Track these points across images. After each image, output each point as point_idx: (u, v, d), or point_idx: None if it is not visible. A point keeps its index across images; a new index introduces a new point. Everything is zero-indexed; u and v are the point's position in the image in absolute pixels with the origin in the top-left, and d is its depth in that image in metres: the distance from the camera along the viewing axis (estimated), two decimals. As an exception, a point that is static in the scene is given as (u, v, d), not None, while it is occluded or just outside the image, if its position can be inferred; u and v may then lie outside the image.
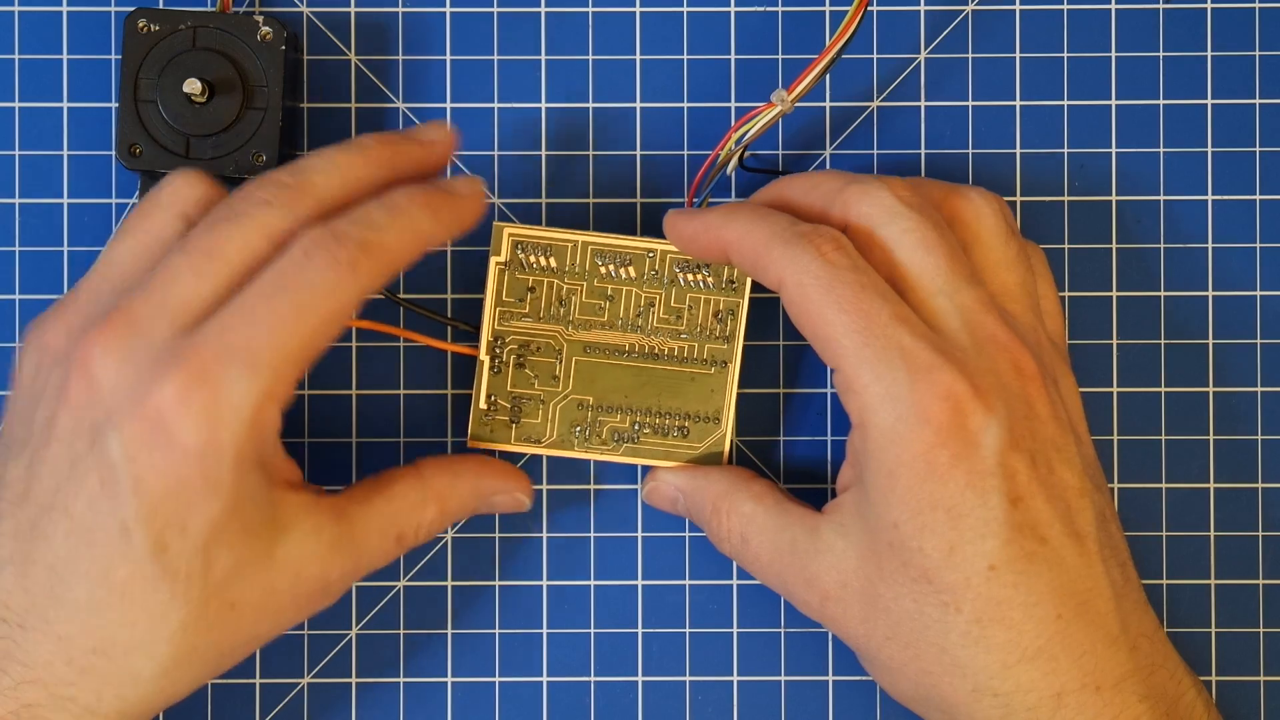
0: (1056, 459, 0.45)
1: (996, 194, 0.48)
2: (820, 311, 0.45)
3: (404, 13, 0.52)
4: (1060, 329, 0.50)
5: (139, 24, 0.49)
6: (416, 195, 0.45)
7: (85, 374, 0.42)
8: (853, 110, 0.53)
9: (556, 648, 0.52)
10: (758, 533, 0.48)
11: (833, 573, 0.46)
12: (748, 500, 0.48)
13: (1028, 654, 0.44)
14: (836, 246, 0.45)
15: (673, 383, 0.50)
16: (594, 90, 0.52)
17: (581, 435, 0.50)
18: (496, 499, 0.50)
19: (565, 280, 0.50)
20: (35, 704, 0.43)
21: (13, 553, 0.43)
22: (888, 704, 0.52)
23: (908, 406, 0.43)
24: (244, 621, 0.44)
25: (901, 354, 0.44)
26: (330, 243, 0.43)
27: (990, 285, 0.47)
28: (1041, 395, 0.45)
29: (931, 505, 0.43)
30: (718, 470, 0.49)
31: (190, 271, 0.43)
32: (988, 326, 0.45)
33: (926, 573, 0.44)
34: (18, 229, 0.52)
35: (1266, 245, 0.52)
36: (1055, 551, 0.44)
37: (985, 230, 0.47)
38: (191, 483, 0.42)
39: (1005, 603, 0.44)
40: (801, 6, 0.53)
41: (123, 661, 0.43)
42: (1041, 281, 0.49)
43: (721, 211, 0.47)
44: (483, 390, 0.50)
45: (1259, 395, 0.52)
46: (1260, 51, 0.53)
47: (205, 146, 0.50)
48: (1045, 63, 0.53)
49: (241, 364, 0.42)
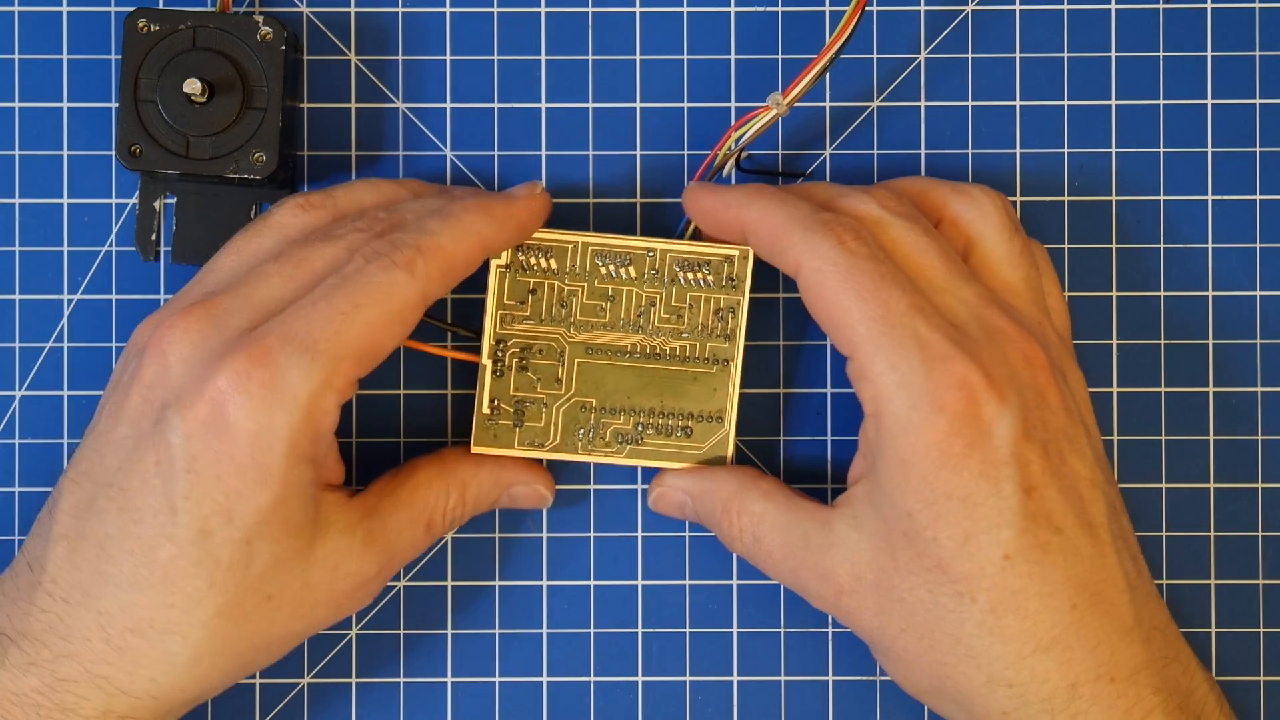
0: (1068, 449, 0.45)
1: (999, 191, 0.48)
2: (837, 299, 0.45)
3: (404, 13, 0.52)
4: (1066, 324, 0.50)
5: (139, 24, 0.49)
6: (470, 202, 0.47)
7: (159, 356, 0.44)
8: (853, 110, 0.53)
9: (556, 648, 0.52)
10: (769, 530, 0.48)
11: (846, 565, 0.46)
12: (757, 499, 0.48)
13: (1042, 644, 0.44)
14: (856, 235, 0.45)
15: (675, 382, 0.50)
16: (594, 90, 0.52)
17: (585, 438, 0.50)
18: (518, 490, 0.50)
19: (566, 282, 0.49)
20: (70, 679, 0.44)
21: (68, 529, 0.45)
22: (888, 704, 0.52)
23: (922, 395, 0.44)
24: (280, 615, 0.45)
25: (917, 343, 0.44)
26: (388, 248, 0.45)
27: (994, 282, 0.47)
28: (1052, 386, 0.45)
29: (946, 494, 0.44)
30: (725, 471, 0.49)
31: (277, 275, 0.45)
32: (995, 319, 0.45)
33: (941, 562, 0.44)
34: (18, 229, 0.52)
35: (1266, 245, 0.52)
36: (1070, 541, 0.44)
37: (989, 228, 0.48)
38: (243, 469, 0.43)
39: (1020, 592, 0.44)
40: (801, 6, 0.53)
41: (158, 643, 0.44)
42: (1046, 278, 0.49)
43: (743, 191, 0.48)
44: (485, 395, 0.50)
45: (1259, 395, 0.52)
46: (1260, 51, 0.53)
47: (205, 146, 0.50)
48: (1045, 63, 0.53)
49: (299, 350, 0.43)
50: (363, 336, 0.44)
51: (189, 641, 0.44)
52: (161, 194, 0.51)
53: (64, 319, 0.52)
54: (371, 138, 0.52)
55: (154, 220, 0.51)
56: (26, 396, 0.52)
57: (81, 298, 0.52)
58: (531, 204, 0.48)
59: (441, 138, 0.52)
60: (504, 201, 0.48)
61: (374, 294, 0.44)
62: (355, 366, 0.44)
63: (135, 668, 0.44)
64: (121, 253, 0.52)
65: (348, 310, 0.44)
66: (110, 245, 0.52)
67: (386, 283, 0.44)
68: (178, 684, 0.44)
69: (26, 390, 0.52)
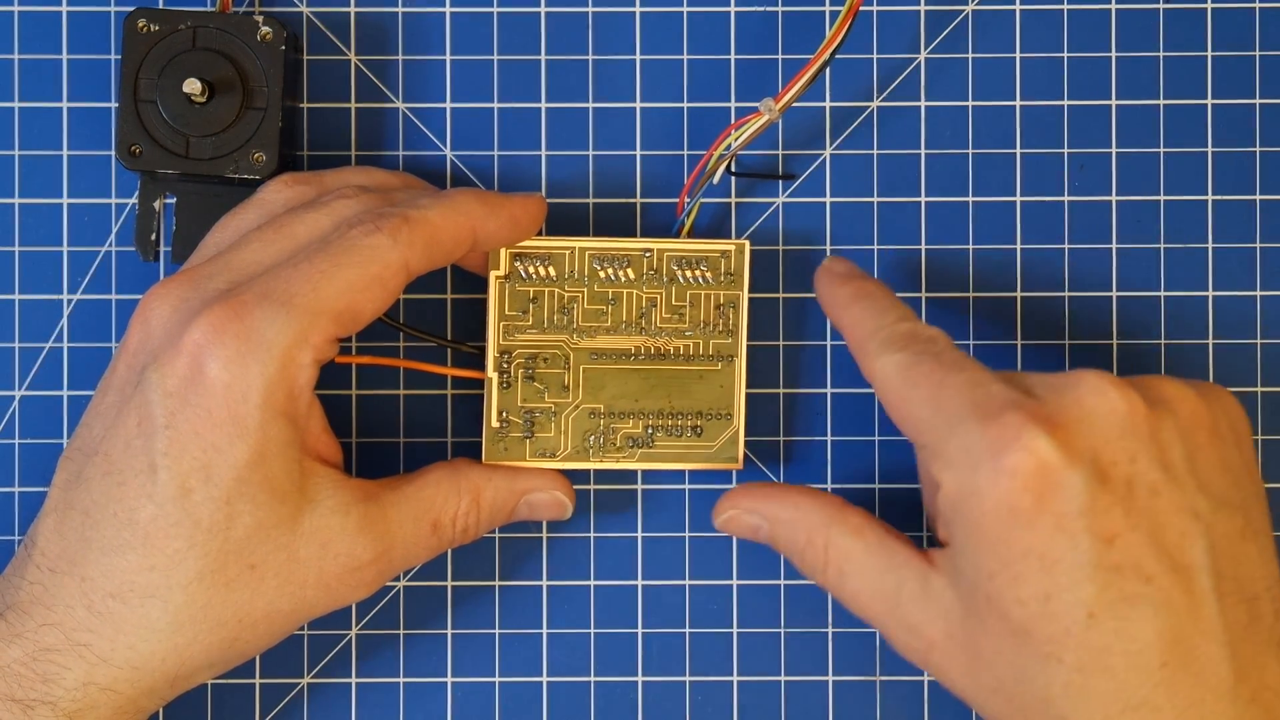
0: (1162, 481, 0.42)
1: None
2: (900, 393, 0.44)
3: (404, 13, 0.52)
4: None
5: (139, 24, 0.49)
6: (467, 188, 0.48)
7: (143, 323, 0.45)
8: (853, 110, 0.53)
9: (556, 648, 0.52)
10: (857, 572, 0.46)
11: (940, 623, 0.44)
12: (846, 534, 0.46)
13: (1131, 704, 0.41)
14: (929, 339, 0.45)
15: (681, 382, 0.50)
16: (594, 90, 0.52)
17: (596, 444, 0.50)
18: (536, 499, 0.49)
19: (566, 288, 0.49)
20: (53, 648, 0.44)
21: (57, 501, 0.45)
22: (888, 704, 0.52)
23: (983, 455, 0.42)
24: (264, 587, 0.44)
25: (973, 408, 0.43)
26: (375, 216, 0.45)
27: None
28: (1138, 411, 0.43)
29: (1023, 553, 0.42)
30: (807, 498, 0.47)
31: (258, 241, 0.46)
32: (1076, 373, 0.44)
33: (1025, 624, 0.42)
34: (18, 229, 0.52)
35: (1266, 245, 0.52)
36: (1160, 591, 0.41)
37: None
38: (220, 422, 0.43)
39: (1107, 650, 0.41)
40: (801, 6, 0.52)
41: (138, 608, 0.44)
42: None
43: (847, 292, 0.47)
44: (493, 408, 0.49)
45: (1259, 395, 0.52)
46: (1260, 51, 0.53)
47: (205, 146, 0.50)
48: (1045, 63, 0.53)
49: (276, 304, 0.43)
50: (341, 295, 0.44)
51: (169, 606, 0.44)
52: (161, 194, 0.51)
53: (64, 319, 0.52)
54: (371, 138, 0.52)
55: (154, 220, 0.51)
56: (26, 396, 0.52)
57: (81, 298, 0.52)
58: (527, 202, 0.48)
59: (441, 138, 0.52)
60: (499, 193, 0.48)
61: (355, 255, 0.44)
62: (333, 324, 0.44)
63: (115, 634, 0.44)
64: (121, 253, 0.52)
65: (327, 269, 0.44)
66: (110, 245, 0.52)
67: (369, 245, 0.45)
68: (158, 652, 0.44)
69: (26, 390, 0.52)
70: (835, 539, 0.46)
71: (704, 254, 0.49)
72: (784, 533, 0.47)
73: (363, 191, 0.47)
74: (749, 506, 0.48)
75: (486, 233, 0.47)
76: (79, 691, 0.44)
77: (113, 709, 0.44)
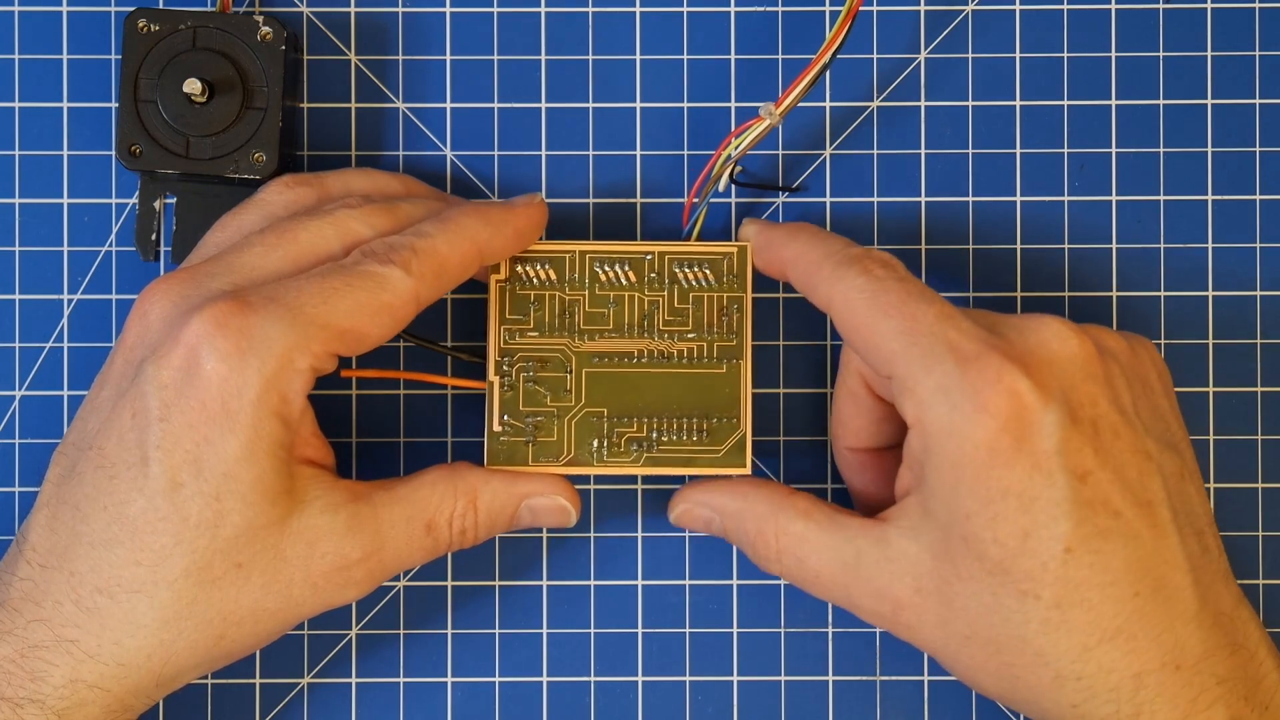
0: (1120, 423, 0.44)
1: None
2: (867, 321, 0.45)
3: (404, 13, 0.52)
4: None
5: (139, 24, 0.49)
6: (467, 207, 0.47)
7: (141, 318, 0.45)
8: (853, 110, 0.53)
9: (556, 648, 0.52)
10: (814, 552, 0.46)
11: (906, 579, 0.45)
12: (796, 519, 0.47)
13: (1107, 634, 0.43)
14: (884, 263, 0.46)
15: (685, 384, 0.50)
16: (594, 90, 0.52)
17: (599, 448, 0.49)
18: (538, 503, 0.48)
19: (567, 291, 0.49)
20: (40, 645, 0.44)
21: (50, 496, 0.45)
22: (888, 704, 0.52)
23: (962, 397, 0.43)
24: (250, 585, 0.44)
25: (949, 347, 0.44)
26: (384, 249, 0.45)
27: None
28: (1094, 357, 0.45)
29: (1002, 493, 0.43)
30: (753, 488, 0.48)
31: (260, 244, 0.46)
32: (1035, 317, 0.45)
33: (1002, 563, 0.43)
34: (18, 229, 0.52)
35: (1266, 245, 0.53)
36: (1128, 525, 0.43)
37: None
38: (213, 415, 0.43)
39: (1083, 584, 0.43)
40: (801, 6, 0.52)
41: (125, 603, 0.44)
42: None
43: (785, 230, 0.48)
44: (495, 412, 0.49)
45: (1259, 395, 0.52)
46: (1260, 51, 0.53)
47: (205, 146, 0.50)
48: (1045, 63, 0.53)
49: (282, 307, 0.44)
50: (350, 314, 0.44)
51: (155, 602, 0.43)
52: (161, 194, 0.51)
53: (64, 319, 0.52)
54: (371, 138, 0.52)
55: (154, 220, 0.51)
56: (26, 396, 0.52)
57: (81, 298, 0.52)
58: (530, 212, 0.48)
59: (441, 138, 0.52)
60: (501, 208, 0.48)
61: (369, 281, 0.45)
62: (336, 339, 0.44)
63: (102, 629, 0.44)
64: (121, 253, 0.52)
65: (339, 287, 0.44)
66: (110, 245, 0.52)
67: (381, 274, 0.45)
68: (144, 649, 0.44)
69: (26, 390, 0.52)
70: (784, 525, 0.47)
71: (706, 256, 0.49)
72: (733, 524, 0.48)
73: (366, 201, 0.47)
74: (699, 500, 0.49)
75: (492, 251, 0.47)
76: (67, 689, 0.44)
77: (101, 707, 0.44)
